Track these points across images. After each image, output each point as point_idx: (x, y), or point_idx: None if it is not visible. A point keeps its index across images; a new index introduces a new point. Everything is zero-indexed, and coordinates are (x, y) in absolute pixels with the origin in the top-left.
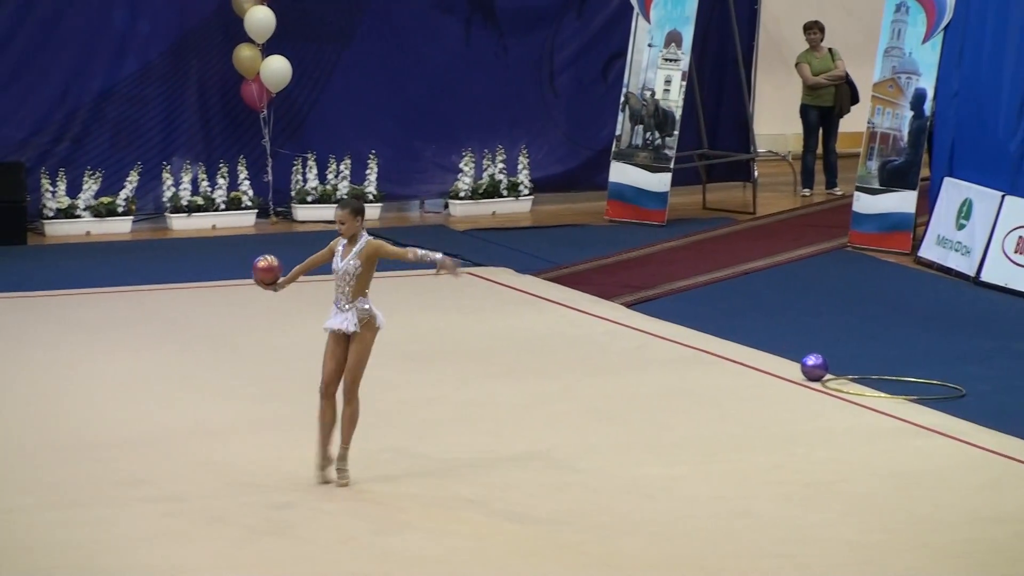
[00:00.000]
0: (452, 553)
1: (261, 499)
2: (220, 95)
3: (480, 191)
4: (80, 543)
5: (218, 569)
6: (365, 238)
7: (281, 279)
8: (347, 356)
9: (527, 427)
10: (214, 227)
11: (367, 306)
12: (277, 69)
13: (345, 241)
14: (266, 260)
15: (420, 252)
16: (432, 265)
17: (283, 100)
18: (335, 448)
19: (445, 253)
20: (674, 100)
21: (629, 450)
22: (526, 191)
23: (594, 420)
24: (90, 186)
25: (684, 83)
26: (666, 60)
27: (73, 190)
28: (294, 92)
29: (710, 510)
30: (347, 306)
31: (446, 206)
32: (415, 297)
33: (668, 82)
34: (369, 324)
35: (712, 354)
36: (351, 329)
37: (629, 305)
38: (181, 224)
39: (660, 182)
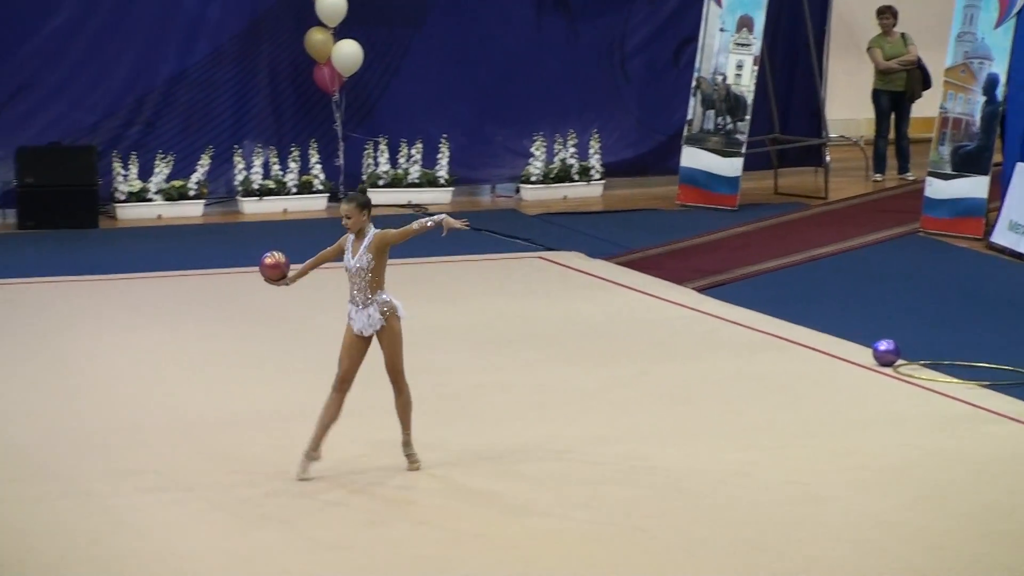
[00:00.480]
0: (524, 538)
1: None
2: (291, 79)
3: (551, 175)
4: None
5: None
6: (372, 231)
7: (291, 274)
8: (364, 353)
9: (599, 412)
10: (285, 211)
11: (386, 297)
12: (349, 53)
13: (353, 237)
14: (273, 257)
15: (422, 221)
16: (439, 228)
17: (355, 84)
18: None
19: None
20: (746, 85)
21: (701, 435)
22: (597, 175)
23: (666, 405)
24: (161, 170)
25: (756, 68)
26: (738, 45)
27: (145, 174)
28: (365, 76)
29: (782, 495)
30: (366, 302)
31: (517, 190)
32: (486, 282)
33: (740, 67)
34: (392, 314)
35: (784, 339)
36: (372, 330)
37: (701, 290)
38: (252, 208)
39: (732, 167)
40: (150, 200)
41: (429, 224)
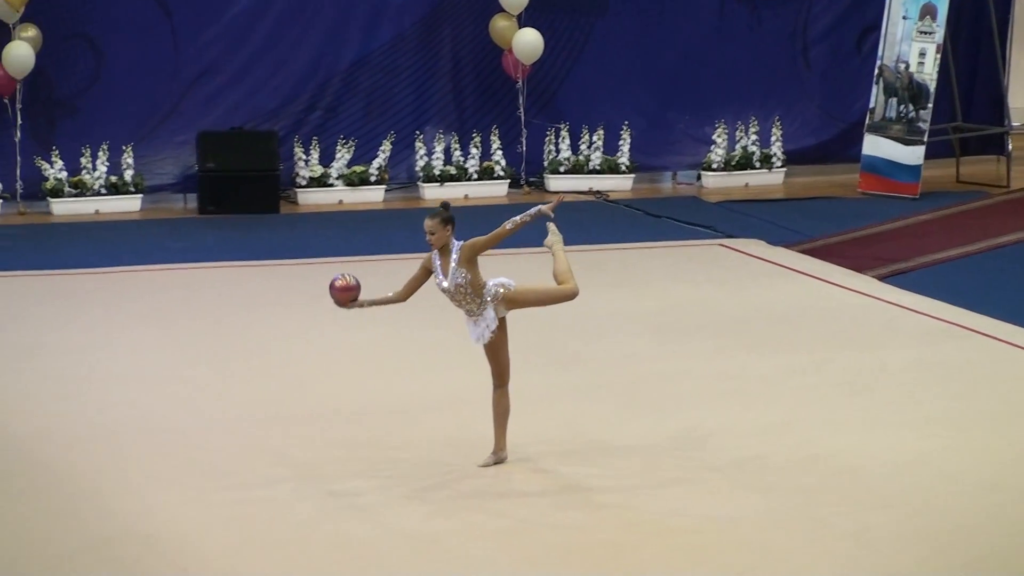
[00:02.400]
0: (703, 523)
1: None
2: (473, 65)
3: (733, 163)
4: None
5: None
6: (457, 244)
7: (364, 299)
8: (503, 346)
9: (777, 400)
10: (466, 197)
11: (494, 289)
12: (528, 42)
13: (438, 253)
14: (344, 280)
15: (516, 219)
16: (540, 217)
17: (537, 70)
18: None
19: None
20: (928, 73)
21: (879, 423)
22: (779, 163)
23: (845, 393)
24: (343, 155)
25: (938, 56)
26: (920, 33)
27: (326, 159)
28: (548, 62)
29: (963, 484)
30: (480, 309)
31: (698, 177)
32: (667, 268)
33: (922, 55)
34: (502, 323)
35: (964, 327)
36: (488, 338)
37: (881, 278)
38: (433, 193)
39: (913, 155)
40: (331, 185)
41: (527, 219)
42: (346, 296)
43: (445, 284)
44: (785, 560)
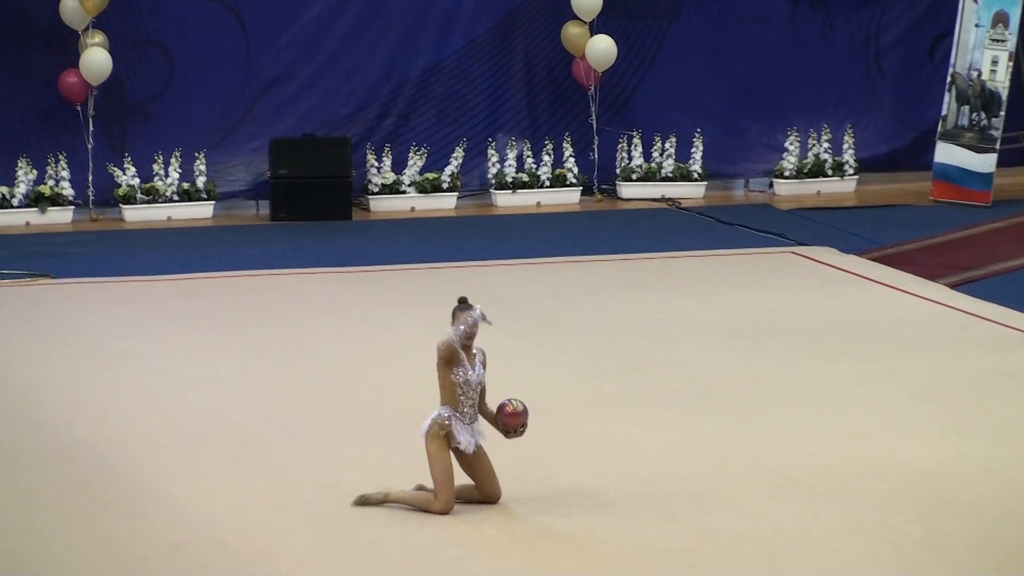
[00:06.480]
0: (775, 533)
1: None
2: (546, 72)
3: (805, 170)
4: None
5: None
6: (478, 348)
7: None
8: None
9: (850, 407)
10: (538, 204)
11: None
12: (603, 49)
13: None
14: (512, 405)
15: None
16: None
17: (609, 77)
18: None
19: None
20: (1000, 80)
21: (951, 431)
22: (851, 171)
23: (916, 401)
24: (415, 162)
25: (1011, 64)
26: (993, 40)
27: (398, 166)
28: (620, 69)
29: None
30: (473, 417)
31: (771, 185)
32: (739, 276)
33: (995, 62)
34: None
35: None
36: (475, 447)
37: (953, 286)
38: (505, 201)
39: (986, 163)
40: (403, 192)
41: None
42: (516, 421)
43: (472, 376)
44: (858, 568)
